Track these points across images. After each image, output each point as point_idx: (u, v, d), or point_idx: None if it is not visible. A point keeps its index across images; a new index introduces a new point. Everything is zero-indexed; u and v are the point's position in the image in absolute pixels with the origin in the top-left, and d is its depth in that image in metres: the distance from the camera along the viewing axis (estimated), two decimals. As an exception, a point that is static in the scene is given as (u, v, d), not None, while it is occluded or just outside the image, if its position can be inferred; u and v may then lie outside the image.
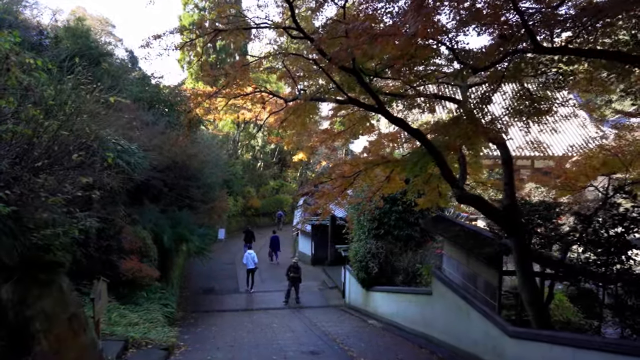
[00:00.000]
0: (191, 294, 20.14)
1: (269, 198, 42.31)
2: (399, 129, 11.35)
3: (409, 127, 7.28)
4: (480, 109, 6.31)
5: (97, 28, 31.89)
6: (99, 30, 32.17)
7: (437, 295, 10.58)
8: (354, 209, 15.99)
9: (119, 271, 12.85)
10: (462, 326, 9.24)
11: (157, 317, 12.17)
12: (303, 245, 28.61)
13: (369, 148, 10.70)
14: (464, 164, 8.28)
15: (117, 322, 10.42)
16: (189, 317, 15.94)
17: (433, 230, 11.89)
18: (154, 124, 18.73)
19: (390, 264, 14.44)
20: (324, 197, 11.05)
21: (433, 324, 10.76)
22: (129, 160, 12.69)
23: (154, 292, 14.47)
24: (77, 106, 5.81)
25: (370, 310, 15.45)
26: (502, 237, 8.63)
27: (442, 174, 7.51)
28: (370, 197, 12.60)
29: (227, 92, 8.11)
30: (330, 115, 10.03)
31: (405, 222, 14.32)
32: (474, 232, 9.64)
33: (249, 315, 16.46)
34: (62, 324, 5.19)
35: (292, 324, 14.41)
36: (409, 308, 12.14)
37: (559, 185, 9.81)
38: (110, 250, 13.07)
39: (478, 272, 9.60)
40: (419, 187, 11.57)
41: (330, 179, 10.77)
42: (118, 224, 13.86)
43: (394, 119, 7.39)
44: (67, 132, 5.41)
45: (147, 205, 17.32)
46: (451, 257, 10.97)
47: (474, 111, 6.81)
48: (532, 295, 6.95)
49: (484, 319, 8.22)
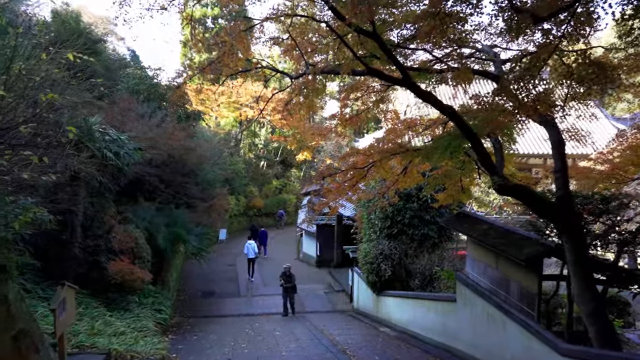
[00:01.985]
0: (189, 298, 18.96)
1: (272, 198, 41.17)
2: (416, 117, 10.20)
3: (441, 104, 6.08)
4: (530, 76, 5.09)
5: (99, 26, 31.05)
6: (100, 28, 31.34)
7: (462, 302, 9.35)
8: (364, 207, 14.79)
9: (107, 274, 11.72)
10: (494, 339, 8.01)
11: (148, 324, 10.99)
12: (307, 246, 27.40)
13: (384, 136, 9.49)
14: (501, 150, 7.07)
15: (101, 332, 9.21)
16: (185, 324, 14.75)
17: (456, 228, 10.67)
18: (150, 116, 17.60)
19: (404, 266, 13.21)
20: (333, 191, 9.85)
21: (457, 335, 9.52)
22: (118, 151, 11.53)
23: (147, 296, 13.35)
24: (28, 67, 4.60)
25: (382, 317, 14.23)
26: (543, 236, 7.43)
27: (479, 160, 6.30)
28: (384, 193, 11.41)
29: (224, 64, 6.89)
30: (342, 97, 8.82)
31: (421, 220, 13.08)
32: (506, 231, 8.42)
33: (250, 322, 15.25)
34: (4, 345, 4.00)
35: (297, 332, 13.20)
36: (428, 316, 10.91)
37: (603, 177, 8.59)
38: (97, 251, 11.98)
39: (511, 277, 8.37)
40: (439, 181, 10.40)
41: (340, 170, 9.56)
42: (107, 222, 12.72)
43: (422, 93, 6.19)
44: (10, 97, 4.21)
45: (142, 202, 16.17)
46: (476, 259, 9.75)
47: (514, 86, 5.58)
48: (594, 306, 5.72)
49: (524, 331, 6.99)
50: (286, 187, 43.99)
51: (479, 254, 9.61)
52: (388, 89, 8.50)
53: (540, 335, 6.56)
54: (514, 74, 5.52)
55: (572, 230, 5.87)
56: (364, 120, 9.23)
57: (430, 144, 8.31)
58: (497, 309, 7.90)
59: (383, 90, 8.54)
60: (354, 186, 10.01)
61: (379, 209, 13.19)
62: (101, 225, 12.43)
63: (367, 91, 8.70)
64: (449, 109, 6.03)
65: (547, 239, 7.39)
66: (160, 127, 16.70)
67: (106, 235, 12.33)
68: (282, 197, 41.78)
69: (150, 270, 13.48)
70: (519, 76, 5.21)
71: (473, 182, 10.46)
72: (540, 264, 7.53)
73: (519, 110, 5.66)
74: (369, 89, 8.70)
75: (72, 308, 6.24)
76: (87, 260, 11.68)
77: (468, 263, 10.13)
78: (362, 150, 9.44)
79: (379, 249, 13.11)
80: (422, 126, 9.80)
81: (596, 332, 5.68)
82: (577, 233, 5.89)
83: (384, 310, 14.05)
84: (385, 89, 8.54)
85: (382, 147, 9.29)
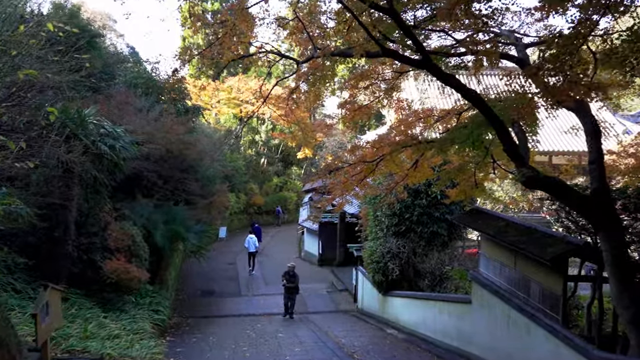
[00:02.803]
0: (188, 297, 18.43)
1: (273, 195, 40.64)
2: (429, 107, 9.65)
3: (464, 87, 5.52)
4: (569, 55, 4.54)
5: (98, 22, 30.55)
6: (100, 24, 30.82)
7: (478, 304, 8.80)
8: (370, 204, 14.24)
9: (102, 273, 11.19)
10: (516, 344, 7.46)
11: (145, 326, 10.46)
12: (309, 244, 26.85)
13: (395, 127, 8.94)
14: (525, 140, 6.53)
15: (94, 335, 8.68)
16: (184, 324, 14.21)
17: (469, 225, 10.14)
18: (148, 110, 17.05)
19: (411, 265, 12.67)
20: (340, 186, 9.30)
21: (473, 339, 8.97)
22: (113, 144, 10.97)
23: (144, 296, 12.82)
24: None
25: (388, 318, 13.69)
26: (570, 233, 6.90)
27: (505, 149, 5.75)
28: (392, 188, 10.86)
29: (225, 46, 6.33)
30: (351, 86, 8.26)
31: (430, 217, 12.52)
32: (527, 228, 7.89)
33: (252, 322, 14.71)
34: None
35: (300, 333, 12.66)
36: (440, 318, 10.36)
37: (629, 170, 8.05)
38: (92, 249, 11.46)
39: (531, 277, 7.84)
40: (452, 176, 9.86)
41: (348, 164, 9.01)
42: (103, 218, 12.17)
43: (444, 75, 5.64)
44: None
45: (139, 199, 15.63)
46: (491, 259, 9.21)
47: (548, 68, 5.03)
48: (634, 312, 5.17)
49: (551, 336, 6.44)
50: (287, 184, 43.47)
51: (494, 252, 9.07)
52: (400, 76, 7.96)
53: (569, 341, 6.02)
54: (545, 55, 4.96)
55: (609, 226, 5.33)
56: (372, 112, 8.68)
57: (445, 135, 7.76)
58: (519, 311, 7.35)
59: (394, 78, 7.99)
60: (361, 181, 9.45)
61: (386, 206, 12.64)
62: (96, 222, 11.89)
63: (377, 79, 8.15)
64: (472, 92, 5.49)
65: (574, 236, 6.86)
66: (159, 121, 16.15)
67: (101, 233, 11.80)
68: (283, 195, 41.27)
69: (147, 269, 12.96)
70: (553, 56, 4.66)
71: (487, 176, 9.93)
72: (566, 263, 7.00)
73: (549, 96, 5.12)
74: (379, 76, 8.15)
75: (57, 312, 5.69)
76: (81, 258, 11.14)
77: (482, 262, 9.59)
78: (371, 142, 8.89)
79: (387, 248, 12.55)
80: (434, 118, 9.26)
81: (637, 340, 5.13)
82: (615, 230, 5.35)
83: (390, 311, 13.51)
84: (397, 77, 8.01)
85: (393, 139, 8.75)
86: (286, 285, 15.44)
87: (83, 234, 11.51)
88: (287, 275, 15.49)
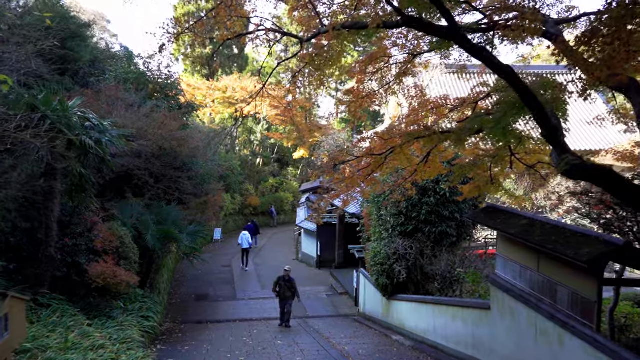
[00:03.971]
0: (182, 302, 17.59)
1: (269, 196, 39.84)
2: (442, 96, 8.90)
3: (497, 62, 4.78)
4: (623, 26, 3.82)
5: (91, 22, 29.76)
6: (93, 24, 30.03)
7: (498, 310, 8.06)
8: (373, 203, 13.49)
9: (87, 277, 10.43)
10: (546, 355, 6.71)
11: (133, 334, 9.65)
12: (307, 246, 26.06)
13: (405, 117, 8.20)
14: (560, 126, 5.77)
15: (76, 345, 7.87)
16: (176, 331, 13.40)
17: (485, 224, 9.39)
18: (139, 106, 16.28)
19: (419, 267, 11.91)
20: (346, 181, 8.54)
21: (493, 348, 8.21)
22: (99, 138, 10.19)
23: (133, 301, 12.02)
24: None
25: (393, 323, 12.93)
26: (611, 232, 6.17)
27: (544, 134, 5.01)
28: (399, 185, 10.12)
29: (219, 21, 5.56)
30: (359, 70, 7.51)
31: (439, 216, 11.75)
32: (554, 227, 7.14)
33: (248, 328, 13.91)
34: None
35: (300, 341, 11.88)
36: (453, 325, 9.60)
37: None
38: (77, 251, 10.74)
39: (558, 281, 7.09)
40: (466, 171, 9.13)
41: (355, 157, 8.26)
42: (89, 219, 11.38)
43: (474, 47, 4.90)
44: None
45: (130, 198, 14.83)
46: (510, 260, 8.46)
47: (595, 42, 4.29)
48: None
49: (591, 349, 5.70)
50: (283, 185, 42.70)
51: (513, 253, 8.33)
52: (414, 58, 7.20)
53: (615, 355, 5.27)
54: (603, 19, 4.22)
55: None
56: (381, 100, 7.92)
57: (465, 124, 7.01)
58: (549, 319, 6.61)
59: (407, 61, 7.24)
60: (368, 176, 8.70)
61: (392, 204, 11.88)
62: (82, 222, 11.13)
63: (387, 61, 7.39)
64: (507, 67, 4.74)
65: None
66: (150, 117, 15.33)
67: (87, 234, 11.04)
68: (279, 196, 40.50)
69: (137, 272, 12.20)
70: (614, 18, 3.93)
71: (503, 172, 9.20)
72: (602, 266, 6.26)
73: (596, 70, 4.38)
74: (390, 60, 7.40)
75: (20, 325, 4.88)
76: (65, 261, 10.41)
77: (499, 264, 8.84)
78: (380, 133, 8.14)
79: (393, 249, 11.78)
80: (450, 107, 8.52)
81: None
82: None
83: (395, 316, 12.76)
84: (410, 60, 7.25)
85: (405, 129, 8.01)
86: (281, 292, 13.97)
87: (67, 235, 10.74)
88: (282, 282, 14.05)
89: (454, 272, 10.81)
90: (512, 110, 5.04)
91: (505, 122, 5.06)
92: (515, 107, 5.03)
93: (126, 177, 14.81)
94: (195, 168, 17.57)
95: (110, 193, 14.65)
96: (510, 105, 5.14)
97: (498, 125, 5.14)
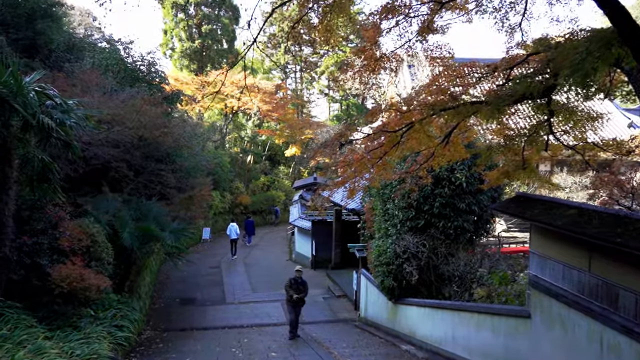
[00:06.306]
0: (165, 306, 16.09)
1: (260, 195, 38.39)
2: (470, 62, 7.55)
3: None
4: None
5: (77, 19, 28.31)
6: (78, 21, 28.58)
7: (543, 319, 6.68)
8: (377, 196, 12.09)
9: (50, 280, 8.95)
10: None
11: (101, 349, 8.21)
12: (301, 245, 24.62)
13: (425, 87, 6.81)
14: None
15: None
16: (157, 340, 11.92)
17: (517, 215, 7.99)
18: (117, 92, 14.79)
19: (431, 267, 10.52)
20: (353, 164, 7.14)
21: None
22: (62, 119, 8.68)
23: (107, 307, 10.55)
24: None
25: (401, 330, 11.53)
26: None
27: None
28: (412, 172, 8.72)
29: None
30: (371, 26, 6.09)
31: (454, 209, 10.35)
32: (615, 216, 5.75)
33: (238, 336, 12.45)
34: None
35: (298, 352, 10.45)
36: (478, 334, 8.21)
37: None
38: (38, 251, 9.24)
39: (619, 283, 5.71)
40: (494, 153, 7.80)
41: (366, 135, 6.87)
42: (53, 214, 9.88)
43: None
44: None
45: (107, 193, 13.29)
46: (550, 259, 7.08)
47: None
48: None
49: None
50: (274, 183, 41.28)
51: (555, 250, 6.95)
52: (440, 9, 5.81)
53: None
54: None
55: None
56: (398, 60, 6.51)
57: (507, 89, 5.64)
58: (623, 333, 5.24)
59: (433, 11, 5.84)
60: (380, 158, 7.30)
61: (400, 196, 10.47)
62: (44, 217, 9.64)
63: (408, 15, 5.99)
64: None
65: None
66: (128, 104, 13.81)
67: (51, 231, 9.57)
68: (271, 194, 39.09)
69: (112, 275, 10.76)
70: None
71: (538, 154, 7.83)
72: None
73: None
74: (411, 11, 5.99)
75: None
76: (24, 263, 8.91)
77: (533, 263, 7.46)
78: (396, 105, 6.73)
79: (402, 247, 10.36)
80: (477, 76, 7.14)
81: None
82: None
83: (404, 322, 11.35)
84: (437, 10, 5.85)
85: (425, 99, 6.61)
86: (294, 298, 12.03)
87: (26, 232, 9.25)
88: (294, 285, 12.18)
89: (476, 272, 9.42)
90: (602, 48, 3.62)
91: (590, 64, 3.62)
92: (603, 40, 3.61)
93: (103, 170, 13.32)
94: (180, 160, 16.10)
95: (87, 187, 13.17)
96: (596, 40, 3.74)
97: (578, 73, 3.71)
